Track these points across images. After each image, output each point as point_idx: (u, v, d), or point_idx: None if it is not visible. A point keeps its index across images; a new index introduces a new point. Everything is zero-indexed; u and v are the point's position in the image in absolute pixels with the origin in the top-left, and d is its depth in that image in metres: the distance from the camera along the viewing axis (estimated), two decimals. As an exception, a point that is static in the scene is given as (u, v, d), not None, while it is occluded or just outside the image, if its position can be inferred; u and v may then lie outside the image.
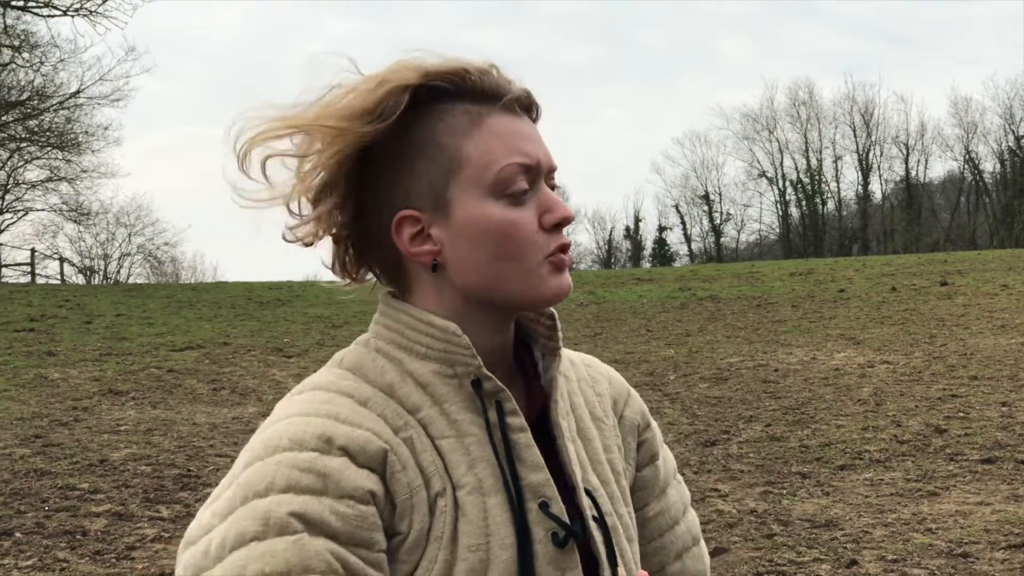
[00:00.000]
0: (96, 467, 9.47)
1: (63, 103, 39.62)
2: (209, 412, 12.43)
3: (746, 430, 10.87)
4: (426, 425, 1.47)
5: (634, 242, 75.52)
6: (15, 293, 26.87)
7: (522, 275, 1.48)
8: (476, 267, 1.48)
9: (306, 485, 1.37)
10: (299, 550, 1.33)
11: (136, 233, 61.13)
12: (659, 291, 26.39)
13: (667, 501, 1.75)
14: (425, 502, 1.43)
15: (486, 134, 1.47)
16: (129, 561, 6.95)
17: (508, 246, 1.47)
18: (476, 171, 1.47)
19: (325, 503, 1.37)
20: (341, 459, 1.40)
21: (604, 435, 1.65)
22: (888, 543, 7.06)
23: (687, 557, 1.75)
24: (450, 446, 1.47)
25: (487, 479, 1.46)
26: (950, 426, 10.45)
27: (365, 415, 1.45)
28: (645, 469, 1.73)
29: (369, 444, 1.42)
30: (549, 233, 1.49)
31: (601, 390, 1.71)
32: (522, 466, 1.48)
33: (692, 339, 18.18)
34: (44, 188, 47.85)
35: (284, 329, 20.18)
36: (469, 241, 1.47)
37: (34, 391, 13.61)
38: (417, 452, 1.45)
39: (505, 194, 1.47)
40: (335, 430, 1.42)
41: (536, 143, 1.50)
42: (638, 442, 1.73)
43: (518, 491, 1.46)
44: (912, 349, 15.66)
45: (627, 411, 1.73)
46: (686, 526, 1.77)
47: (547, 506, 1.47)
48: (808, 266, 31.89)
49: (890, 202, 71.19)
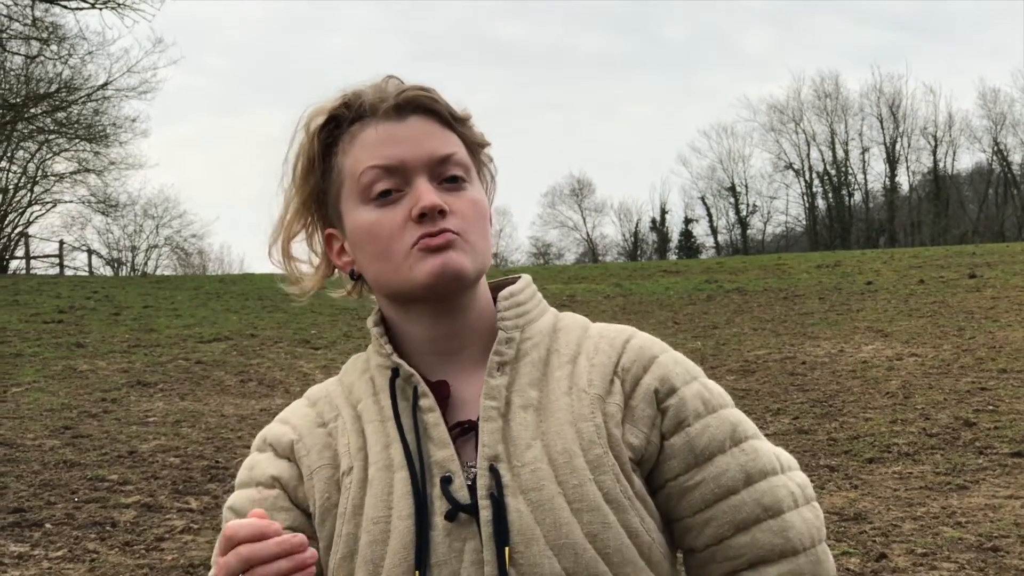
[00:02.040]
0: (125, 458, 9.52)
1: (91, 95, 39.72)
2: (237, 404, 12.48)
3: (774, 423, 10.85)
4: (361, 413, 1.68)
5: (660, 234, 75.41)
6: (44, 285, 27.02)
7: (394, 269, 1.61)
8: (367, 269, 1.67)
9: (242, 480, 1.71)
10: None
11: (163, 225, 61.49)
12: (685, 283, 26.32)
13: (713, 470, 1.65)
14: (326, 480, 1.63)
15: (356, 146, 1.63)
16: (159, 552, 6.98)
17: (377, 245, 1.61)
18: (350, 182, 1.64)
19: (244, 493, 1.68)
20: (266, 454, 1.71)
21: (580, 404, 1.63)
22: (917, 537, 7.03)
23: (757, 530, 1.64)
24: (374, 429, 1.65)
25: (397, 456, 1.61)
26: (979, 419, 10.40)
27: (302, 413, 1.73)
28: (673, 437, 1.66)
29: (283, 437, 1.70)
30: (418, 224, 1.58)
31: (599, 360, 1.69)
32: (430, 443, 1.60)
33: (719, 331, 18.14)
34: (72, 180, 48.07)
35: (311, 321, 20.22)
36: (356, 247, 1.66)
37: (63, 382, 13.69)
38: (336, 438, 1.67)
39: (371, 198, 1.61)
40: (271, 430, 1.73)
41: (405, 143, 1.61)
42: (660, 409, 1.67)
43: (422, 467, 1.58)
44: (941, 342, 15.58)
45: (646, 377, 1.69)
46: (751, 496, 1.65)
47: (449, 481, 1.57)
48: (835, 258, 31.74)
49: (917, 194, 70.83)
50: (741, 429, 1.72)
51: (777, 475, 1.70)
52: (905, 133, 69.75)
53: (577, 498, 1.57)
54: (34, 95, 39.23)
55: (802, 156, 71.55)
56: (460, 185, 1.63)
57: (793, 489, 1.71)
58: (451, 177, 1.62)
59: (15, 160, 45.70)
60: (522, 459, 1.58)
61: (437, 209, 1.57)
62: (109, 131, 42.70)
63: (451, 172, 1.62)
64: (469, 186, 1.64)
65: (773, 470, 1.70)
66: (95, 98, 40.01)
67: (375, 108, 1.63)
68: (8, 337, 17.43)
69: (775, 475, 1.70)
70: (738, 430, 1.72)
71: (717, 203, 74.43)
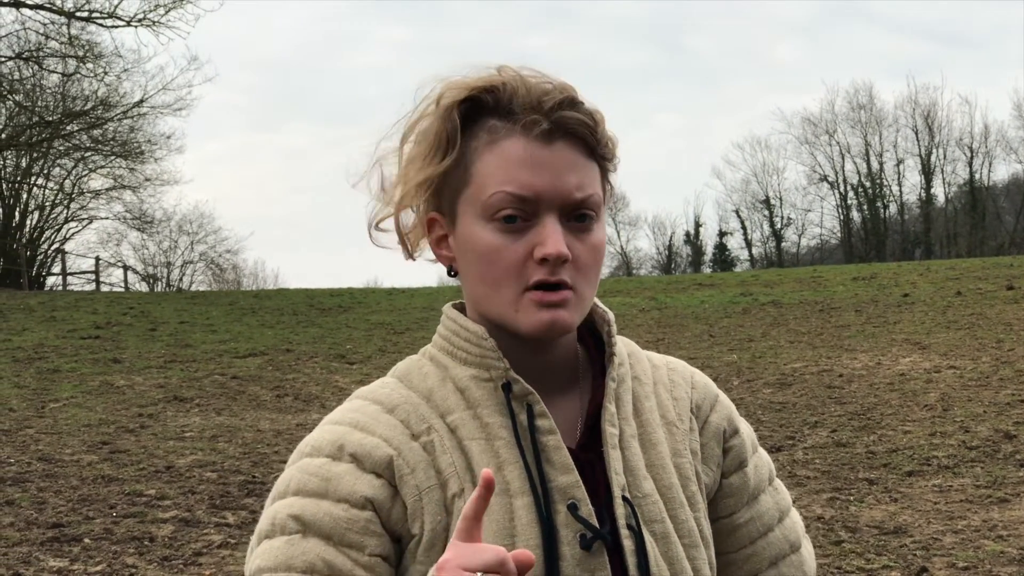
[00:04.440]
0: (162, 473, 9.55)
1: (127, 112, 39.95)
2: (273, 419, 12.51)
3: (811, 436, 10.78)
4: (456, 428, 1.53)
5: (695, 247, 75.17)
6: (81, 301, 27.20)
7: (501, 302, 1.51)
8: (471, 283, 1.56)
9: (311, 489, 1.50)
10: (288, 548, 1.46)
11: (199, 241, 61.63)
12: (721, 296, 26.25)
13: (759, 508, 1.73)
14: (437, 502, 1.49)
15: (494, 156, 1.50)
16: (196, 567, 7.00)
17: (491, 272, 1.51)
18: (476, 191, 1.51)
19: (322, 506, 1.48)
20: (348, 465, 1.51)
21: (675, 439, 1.64)
22: (958, 550, 6.96)
23: (783, 565, 1.73)
24: (479, 448, 1.52)
25: (515, 481, 1.50)
26: (1019, 432, 10.31)
27: (384, 422, 1.54)
28: (733, 476, 1.71)
29: (376, 450, 1.51)
30: (538, 265, 1.48)
31: (679, 394, 1.69)
32: (551, 468, 1.51)
33: (755, 344, 18.06)
34: (108, 196, 48.41)
35: (346, 336, 20.28)
36: (464, 257, 1.55)
37: (100, 398, 13.76)
38: (437, 455, 1.51)
39: (493, 219, 1.49)
40: (348, 437, 1.53)
41: (547, 173, 1.48)
42: (724, 448, 1.71)
43: (545, 493, 1.49)
44: (979, 354, 15.47)
45: (713, 416, 1.71)
46: (782, 533, 1.75)
47: (575, 508, 1.49)
48: (871, 270, 31.60)
49: (953, 205, 70.35)
50: (772, 466, 1.82)
51: (791, 508, 1.82)
52: (940, 144, 69.25)
53: (685, 533, 1.58)
54: (70, 112, 39.55)
55: (836, 168, 71.17)
56: (587, 225, 1.53)
57: (797, 519, 1.82)
58: (580, 216, 1.51)
59: (51, 177, 46.19)
60: (641, 490, 1.56)
61: (563, 260, 1.48)
62: (144, 148, 42.99)
63: (582, 212, 1.51)
64: (595, 225, 1.54)
65: (789, 504, 1.82)
66: (131, 115, 40.27)
67: (524, 116, 1.50)
68: (46, 353, 17.55)
69: (791, 508, 1.82)
70: (771, 467, 1.82)
71: (752, 216, 74.13)
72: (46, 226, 47.96)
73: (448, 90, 1.54)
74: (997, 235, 67.43)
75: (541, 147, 1.49)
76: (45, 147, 41.34)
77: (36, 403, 13.32)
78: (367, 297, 28.35)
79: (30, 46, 35.17)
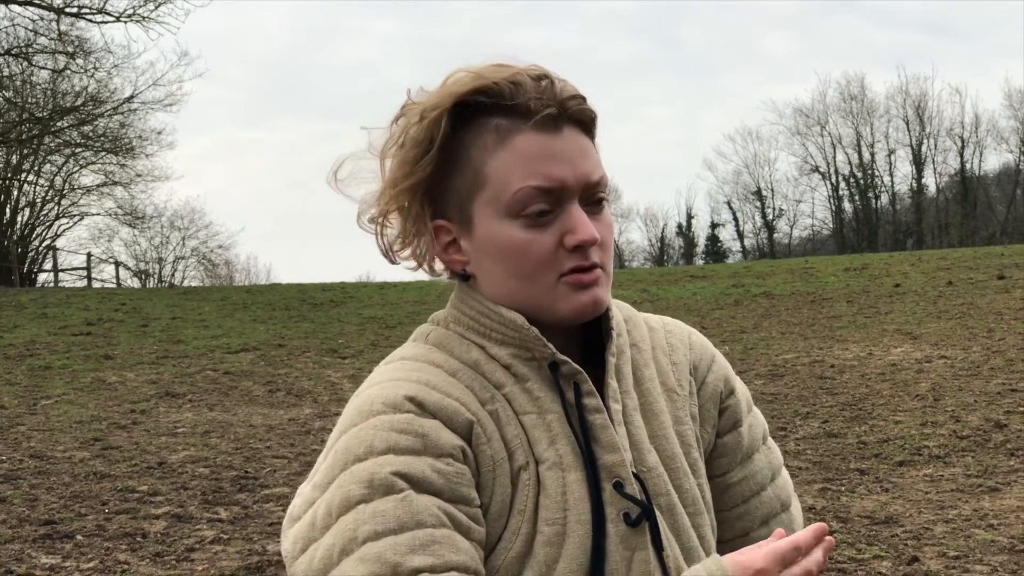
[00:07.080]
0: (155, 469, 9.55)
1: (117, 108, 39.89)
2: (265, 414, 12.50)
3: (803, 427, 10.80)
4: (510, 400, 1.53)
5: (686, 239, 75.30)
6: (72, 297, 27.15)
7: (539, 293, 1.52)
8: (498, 282, 1.55)
9: (405, 446, 1.43)
10: (408, 507, 1.39)
11: (190, 236, 61.74)
12: (712, 288, 26.26)
13: (752, 467, 1.74)
14: (507, 474, 1.49)
15: (509, 153, 1.50)
16: (189, 563, 6.99)
17: (522, 266, 1.51)
18: (495, 190, 1.51)
19: (425, 462, 1.43)
20: (432, 420, 1.46)
21: (676, 407, 1.65)
22: (949, 539, 6.98)
23: (774, 523, 1.75)
24: (532, 422, 1.52)
25: (567, 456, 1.51)
26: (1010, 421, 10.33)
27: (454, 385, 1.52)
28: (727, 436, 1.73)
29: (457, 415, 1.48)
30: (571, 253, 1.50)
31: (678, 358, 1.71)
32: (598, 446, 1.52)
33: (747, 336, 18.08)
34: (99, 193, 48.43)
35: (338, 330, 20.26)
36: (489, 258, 1.54)
37: (92, 394, 13.75)
38: (502, 425, 1.51)
39: (521, 215, 1.50)
40: (426, 395, 1.48)
41: (565, 162, 1.50)
42: (720, 408, 1.72)
43: (595, 469, 1.50)
44: (970, 343, 15.49)
45: (709, 377, 1.73)
46: (773, 492, 1.77)
47: (621, 486, 1.51)
48: (862, 261, 31.61)
49: (944, 195, 70.49)
50: (766, 425, 1.82)
51: (783, 467, 1.83)
52: (931, 135, 69.43)
53: (690, 502, 1.61)
54: (60, 109, 39.49)
55: (828, 159, 71.34)
56: (602, 207, 1.56)
57: (788, 478, 1.83)
58: (597, 199, 1.55)
59: (42, 174, 46.13)
60: (646, 464, 1.58)
61: (594, 243, 1.51)
62: (135, 144, 42.94)
63: (599, 195, 1.55)
64: (607, 206, 1.58)
65: (781, 463, 1.82)
66: (121, 111, 40.22)
67: (527, 109, 1.50)
68: (37, 350, 17.53)
69: (782, 467, 1.83)
70: (765, 427, 1.82)
71: (743, 207, 74.27)
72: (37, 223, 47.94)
73: (435, 99, 1.54)
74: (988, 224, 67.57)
75: (552, 137, 1.51)
76: (35, 143, 41.23)
77: (28, 400, 13.30)
78: (359, 291, 28.31)
79: (19, 42, 35.10)
